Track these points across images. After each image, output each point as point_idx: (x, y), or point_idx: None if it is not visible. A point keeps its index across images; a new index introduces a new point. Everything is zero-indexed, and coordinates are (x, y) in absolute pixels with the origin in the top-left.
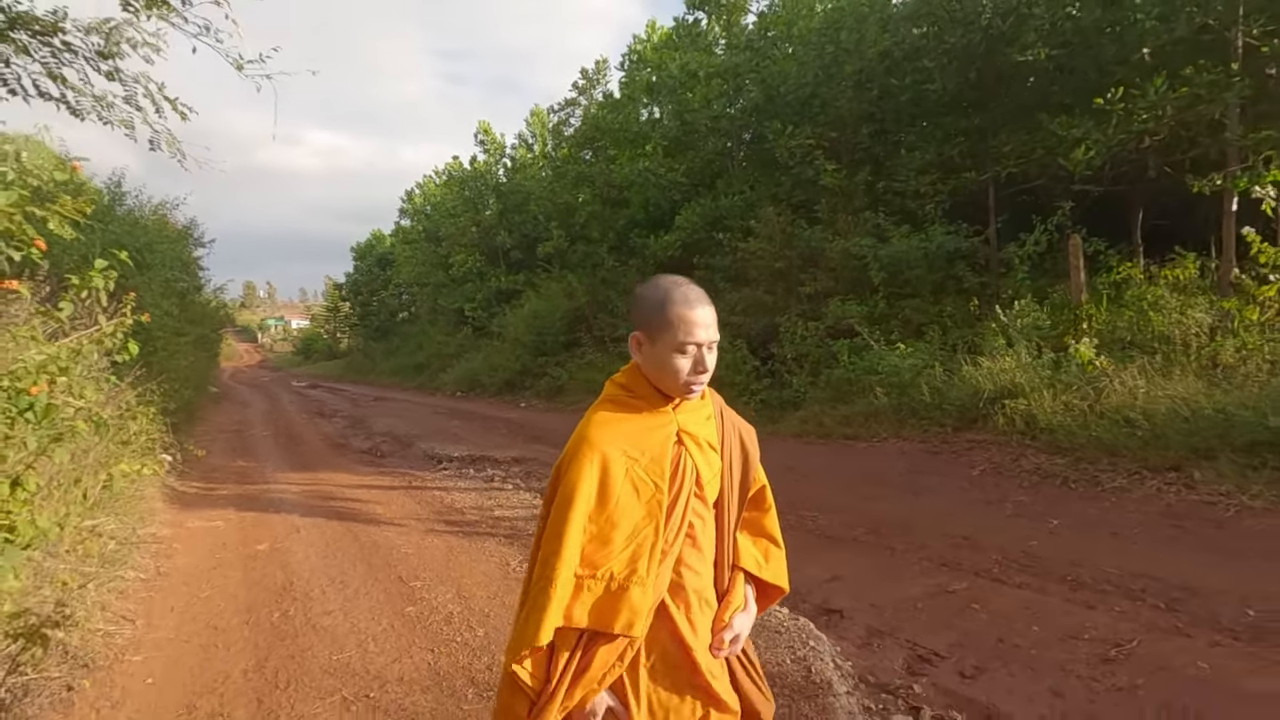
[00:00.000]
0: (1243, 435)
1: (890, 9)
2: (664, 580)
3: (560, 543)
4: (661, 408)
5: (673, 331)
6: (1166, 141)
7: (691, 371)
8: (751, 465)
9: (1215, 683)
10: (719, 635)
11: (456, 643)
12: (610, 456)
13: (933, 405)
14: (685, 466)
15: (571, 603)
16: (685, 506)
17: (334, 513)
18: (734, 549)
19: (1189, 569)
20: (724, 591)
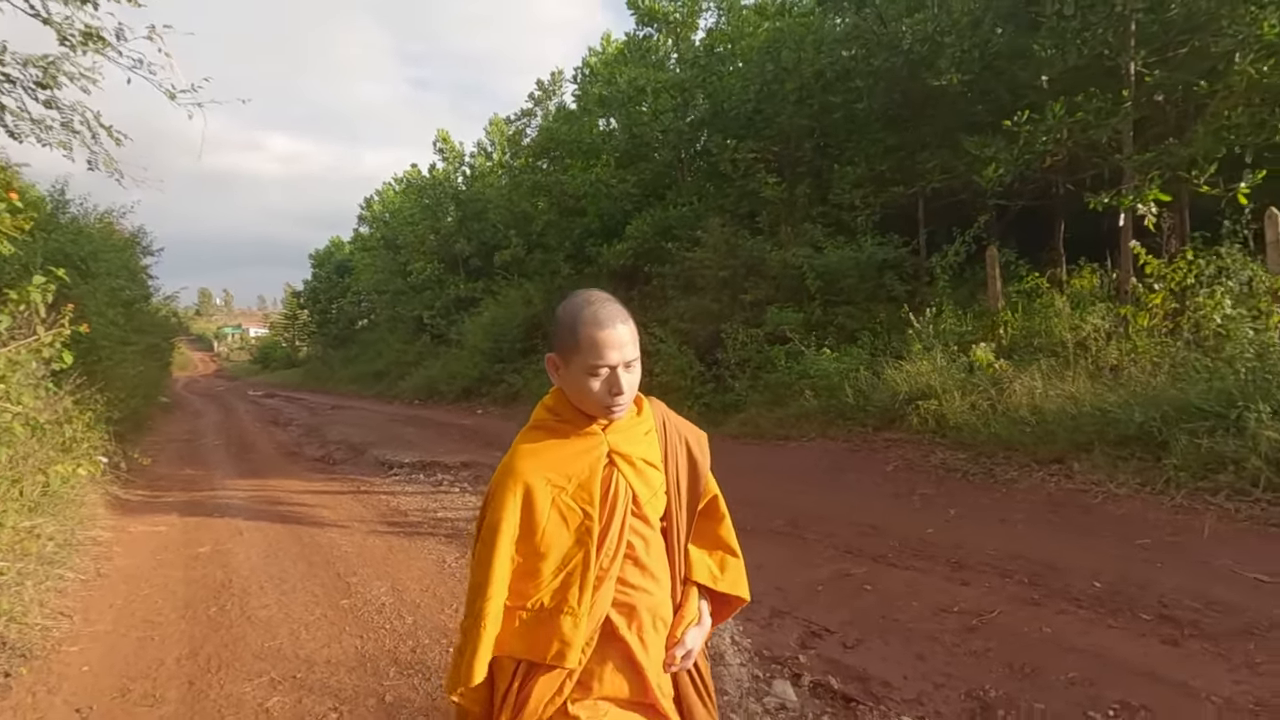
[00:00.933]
0: (1116, 430)
1: (825, 31)
2: (602, 606)
3: (486, 578)
4: (589, 429)
5: (583, 354)
6: (1069, 161)
7: (607, 394)
8: (701, 475)
9: (1053, 642)
10: (670, 651)
11: (385, 630)
12: (534, 486)
13: (857, 407)
14: (618, 488)
15: (504, 633)
16: (621, 529)
17: (279, 516)
18: (686, 563)
19: (1055, 549)
20: (677, 606)
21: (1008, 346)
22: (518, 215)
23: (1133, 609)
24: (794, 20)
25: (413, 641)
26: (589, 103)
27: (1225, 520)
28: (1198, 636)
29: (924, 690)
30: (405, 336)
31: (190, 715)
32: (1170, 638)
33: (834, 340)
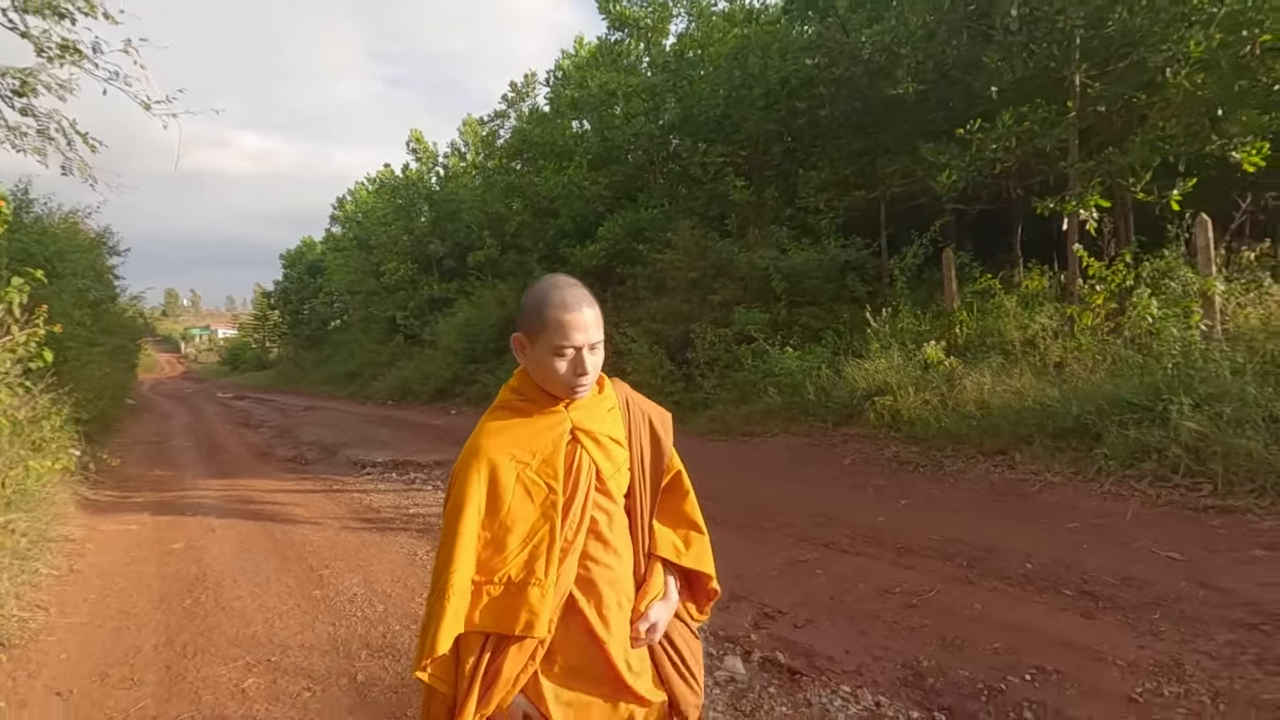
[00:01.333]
0: (1055, 423)
1: (790, 39)
2: (567, 579)
3: (452, 553)
4: (552, 408)
5: (549, 334)
6: (1019, 168)
7: (571, 374)
8: (664, 452)
9: (983, 618)
10: (635, 625)
11: (357, 617)
12: (499, 463)
13: (818, 404)
14: (581, 464)
15: (472, 608)
16: (585, 503)
17: (252, 514)
18: (650, 537)
19: (994, 534)
20: (641, 581)
21: (963, 345)
22: (491, 216)
23: (1057, 586)
24: (760, 28)
25: (384, 627)
26: (561, 105)
27: (1147, 504)
28: (1111, 609)
29: (863, 662)
30: (378, 337)
31: (168, 696)
32: (1087, 610)
33: (799, 339)
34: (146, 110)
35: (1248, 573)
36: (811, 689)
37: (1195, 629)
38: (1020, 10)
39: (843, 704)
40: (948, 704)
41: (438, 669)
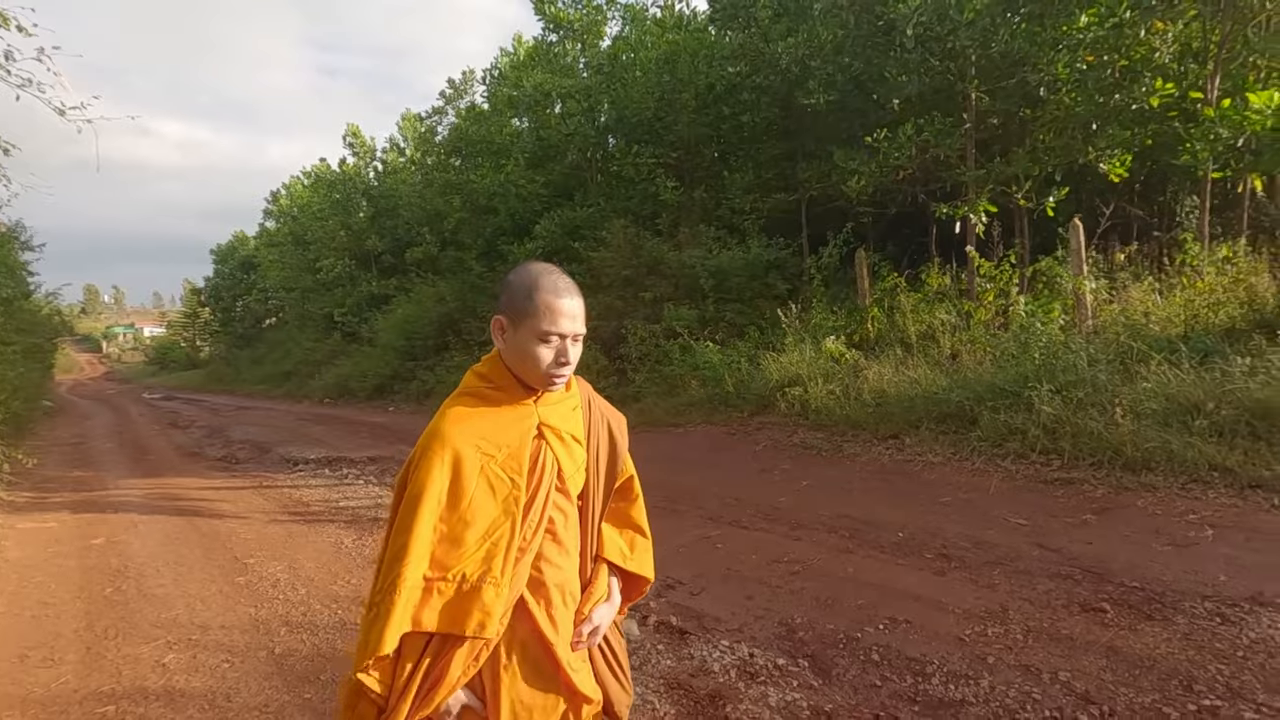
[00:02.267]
0: (940, 409)
1: (716, 47)
2: (521, 578)
3: (407, 545)
4: (522, 400)
5: (537, 318)
6: (922, 174)
7: (553, 363)
8: (619, 456)
9: (853, 580)
10: (578, 628)
11: (279, 600)
12: (464, 453)
13: (736, 395)
14: (545, 461)
15: (420, 607)
16: (545, 502)
17: (177, 510)
18: (598, 540)
19: (877, 509)
20: (587, 583)
21: (874, 339)
22: (430, 213)
23: (920, 551)
24: (689, 35)
25: (304, 608)
26: (499, 104)
27: (1007, 479)
28: (960, 568)
29: (746, 621)
30: (315, 335)
31: (89, 673)
32: (940, 570)
33: (724, 335)
34: (61, 115)
35: (1076, 534)
36: (696, 645)
37: (1023, 581)
38: (916, 30)
39: (720, 655)
40: (811, 652)
41: (380, 670)
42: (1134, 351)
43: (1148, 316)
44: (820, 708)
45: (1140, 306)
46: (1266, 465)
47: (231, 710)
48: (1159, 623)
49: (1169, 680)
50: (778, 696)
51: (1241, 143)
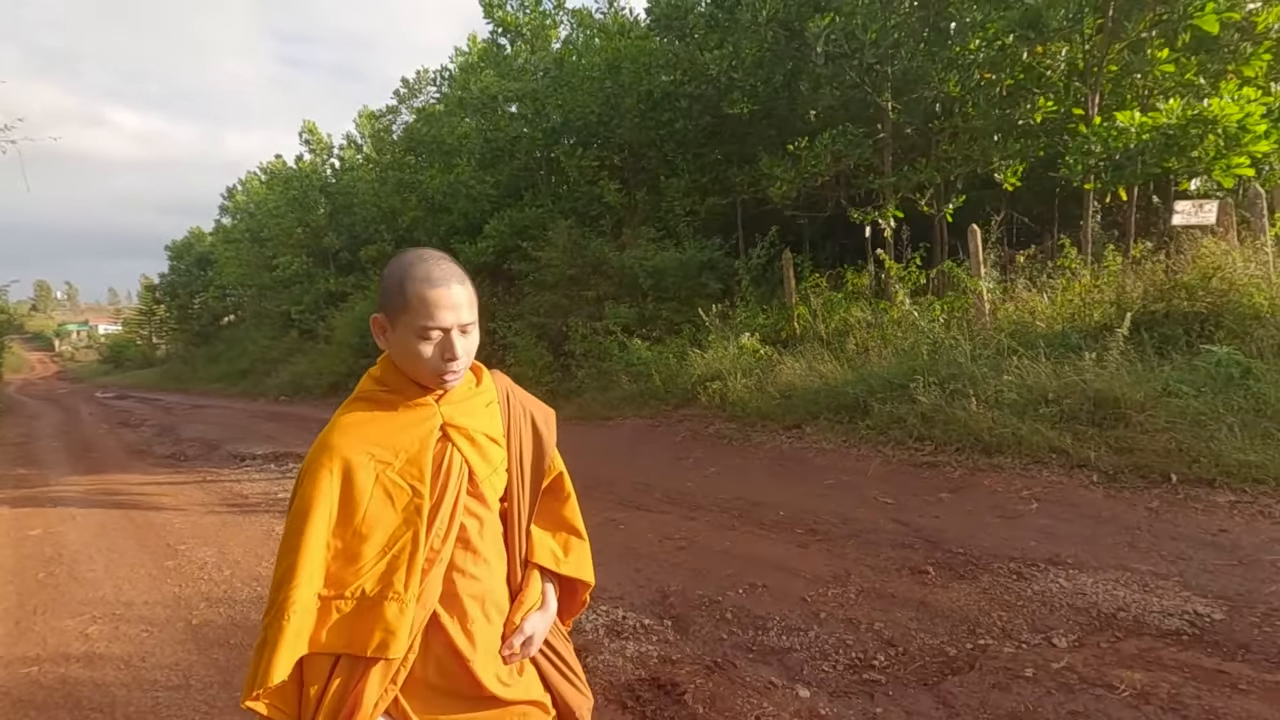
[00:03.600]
0: (838, 400)
1: (654, 55)
2: (431, 592)
3: (294, 565)
4: (420, 400)
5: (411, 313)
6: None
7: (439, 359)
8: (546, 452)
9: (729, 553)
10: (509, 639)
11: (204, 580)
12: (355, 462)
13: (663, 389)
14: (451, 464)
15: (318, 626)
16: (454, 508)
17: (116, 504)
18: (528, 544)
19: (766, 491)
20: (517, 591)
21: (800, 336)
22: (385, 211)
23: (793, 527)
24: (631, 42)
25: (226, 586)
26: (449, 105)
27: (885, 463)
28: (823, 541)
29: (628, 591)
30: (272, 332)
31: (15, 643)
32: (804, 543)
33: (660, 332)
34: None
35: (929, 510)
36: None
37: (871, 550)
38: (825, 48)
39: (594, 618)
40: (676, 613)
41: (276, 697)
42: (1006, 347)
43: (1034, 315)
44: (668, 656)
45: (1029, 306)
46: (1093, 447)
47: (145, 669)
48: (967, 580)
49: (958, 625)
50: (634, 649)
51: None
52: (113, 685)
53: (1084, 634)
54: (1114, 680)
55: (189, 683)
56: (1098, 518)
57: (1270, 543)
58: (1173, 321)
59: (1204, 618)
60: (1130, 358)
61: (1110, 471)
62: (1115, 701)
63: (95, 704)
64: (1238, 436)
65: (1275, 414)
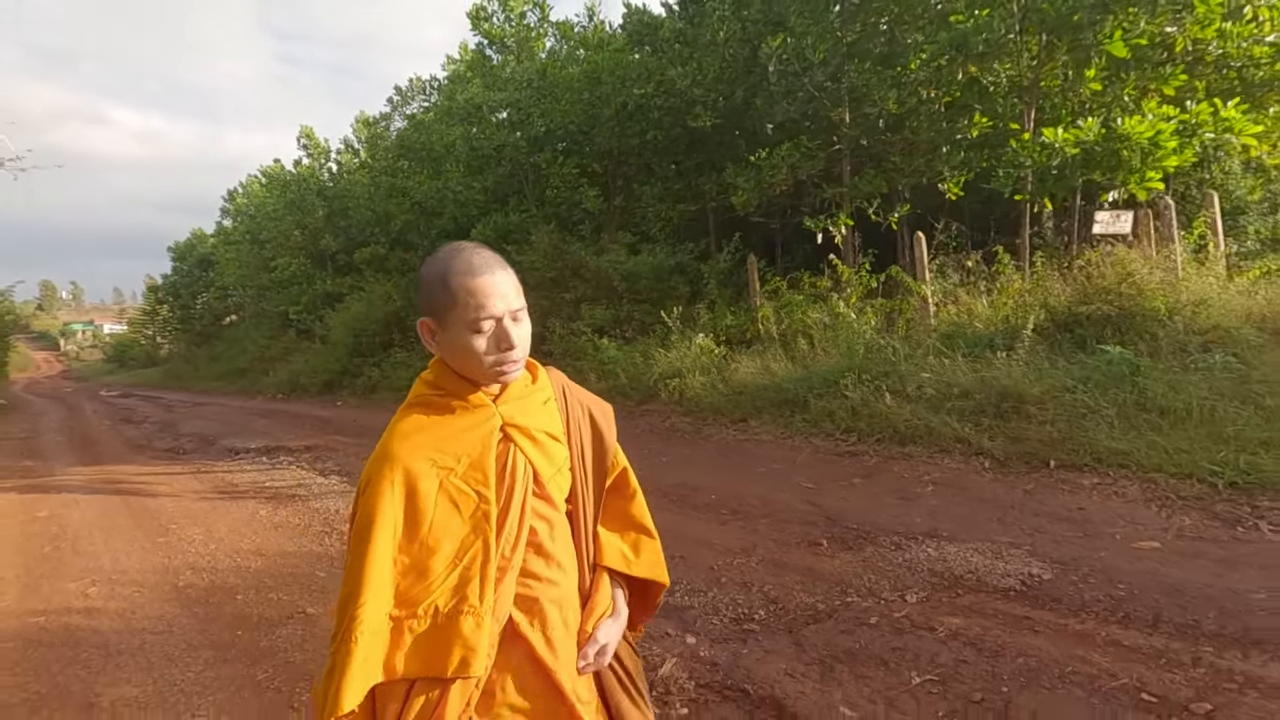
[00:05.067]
0: (781, 396)
1: (629, 67)
2: (505, 602)
3: (360, 584)
4: (479, 402)
5: (461, 308)
6: (798, 190)
7: (495, 350)
8: (607, 449)
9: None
10: (583, 649)
11: (191, 553)
12: (417, 471)
13: (629, 386)
14: (516, 465)
15: (391, 651)
16: (522, 511)
17: (116, 491)
18: (595, 547)
19: (706, 478)
20: (586, 597)
21: (764, 336)
22: (379, 214)
23: (718, 508)
24: (609, 54)
25: (210, 558)
26: (438, 113)
27: (814, 453)
28: (741, 519)
29: None
30: (270, 332)
31: (25, 599)
32: (724, 521)
33: (633, 332)
34: None
35: (841, 493)
36: None
37: (780, 527)
38: (778, 67)
39: None
40: None
41: None
42: (933, 347)
43: (971, 316)
44: None
45: (968, 308)
46: (991, 437)
47: (135, 620)
48: (853, 551)
49: (833, 587)
50: None
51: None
52: (107, 631)
53: (932, 591)
54: (936, 625)
55: (171, 629)
56: (980, 499)
57: (1115, 518)
58: (1091, 323)
59: (1035, 578)
60: (1039, 357)
61: (1001, 458)
62: (930, 639)
63: (92, 644)
64: (1115, 427)
65: (1154, 407)
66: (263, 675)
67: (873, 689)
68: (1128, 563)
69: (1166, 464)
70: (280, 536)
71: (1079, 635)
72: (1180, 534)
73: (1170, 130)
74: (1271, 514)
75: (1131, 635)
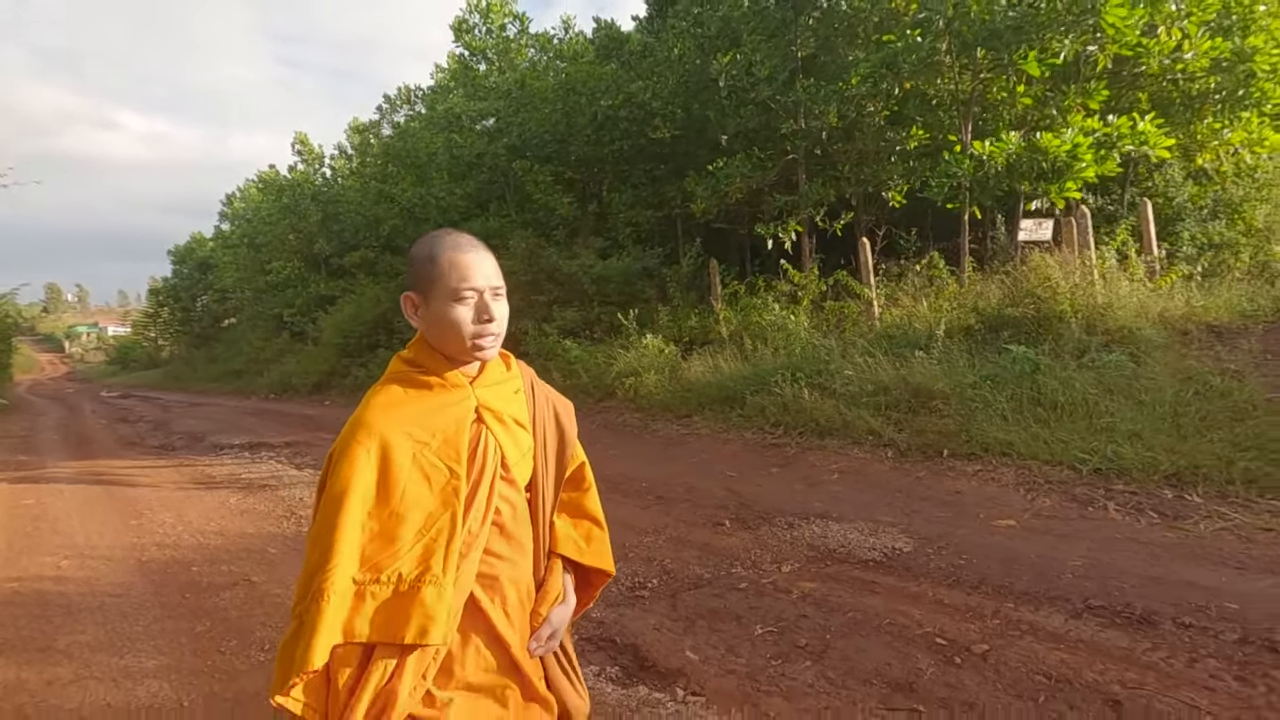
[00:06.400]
0: (724, 393)
1: (599, 81)
2: (468, 577)
3: (331, 547)
4: (456, 382)
5: (446, 278)
6: (753, 198)
7: (477, 321)
8: (568, 443)
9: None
10: (536, 631)
11: (158, 533)
12: (392, 441)
13: (590, 385)
14: (487, 446)
15: (351, 614)
16: (490, 491)
17: (100, 482)
18: (551, 534)
19: (645, 469)
20: (540, 582)
21: (725, 337)
22: (370, 219)
23: (646, 495)
24: (581, 66)
25: (175, 538)
26: (422, 122)
27: (744, 446)
28: (663, 504)
29: None
30: (265, 334)
31: (3, 569)
32: (647, 505)
33: (601, 333)
34: None
35: (758, 480)
36: None
37: (694, 510)
38: (728, 83)
39: None
40: None
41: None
42: (863, 348)
43: (911, 318)
44: None
45: (908, 311)
46: (899, 429)
47: (99, 586)
48: (750, 530)
49: (723, 560)
50: None
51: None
52: (72, 595)
53: (805, 563)
54: (793, 589)
55: (128, 593)
56: (877, 485)
57: (986, 500)
58: (1016, 325)
59: (897, 551)
60: (954, 356)
61: (904, 449)
62: (784, 600)
63: (57, 605)
64: (1007, 420)
65: (1046, 402)
66: (201, 628)
67: (720, 638)
68: (981, 538)
69: (1043, 453)
70: (244, 520)
71: (911, 596)
72: (1037, 514)
73: (1088, 144)
74: (1121, 496)
75: (954, 595)
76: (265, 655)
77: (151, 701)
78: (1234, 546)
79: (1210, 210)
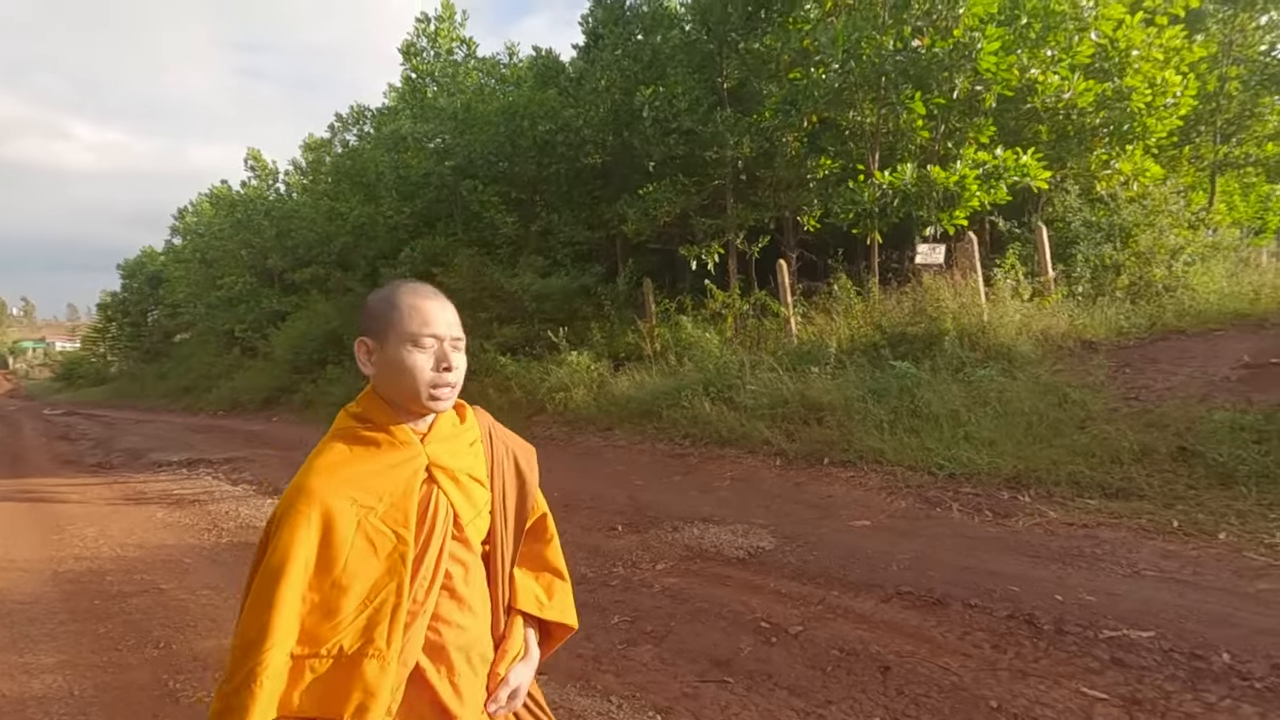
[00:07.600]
0: (644, 407)
1: (540, 106)
2: (414, 648)
3: (268, 625)
4: (405, 439)
5: (405, 322)
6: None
7: (435, 368)
8: (529, 493)
9: None
10: (494, 692)
11: (79, 546)
12: (335, 508)
13: (523, 400)
14: (438, 508)
15: (290, 687)
16: (439, 555)
17: (26, 499)
18: (510, 590)
19: (561, 479)
20: (499, 640)
21: (654, 353)
22: (322, 236)
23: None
24: (523, 91)
25: (94, 550)
26: (369, 143)
27: (654, 456)
28: (569, 511)
29: None
30: (216, 350)
31: None
32: (566, 514)
33: (541, 350)
34: None
35: (659, 487)
36: None
37: (595, 516)
38: (650, 113)
39: None
40: None
41: None
42: (767, 364)
43: (824, 336)
44: None
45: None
46: (790, 439)
47: (11, 595)
48: (639, 533)
49: (607, 560)
50: None
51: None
52: None
53: (678, 561)
54: (656, 584)
55: (39, 600)
56: (762, 490)
57: (851, 503)
58: (911, 342)
59: (760, 549)
60: (847, 371)
61: (791, 457)
62: (645, 594)
63: None
64: (884, 430)
65: (921, 413)
66: (104, 630)
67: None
68: (836, 536)
69: (909, 459)
70: (166, 533)
71: (754, 587)
72: (892, 514)
73: (974, 175)
74: (965, 498)
75: (792, 586)
76: (159, 651)
77: (45, 692)
78: (1039, 539)
79: (1105, 234)
